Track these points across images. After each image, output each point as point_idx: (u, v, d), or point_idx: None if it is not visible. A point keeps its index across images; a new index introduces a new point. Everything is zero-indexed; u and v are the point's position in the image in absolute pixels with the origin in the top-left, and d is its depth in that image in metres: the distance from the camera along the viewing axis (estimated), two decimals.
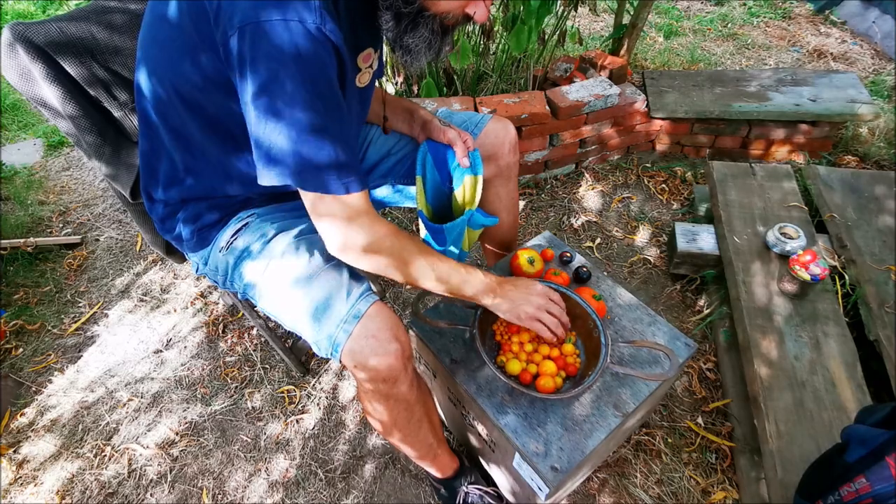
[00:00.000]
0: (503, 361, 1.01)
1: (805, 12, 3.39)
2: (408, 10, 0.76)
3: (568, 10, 2.02)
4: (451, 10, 0.78)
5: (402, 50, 0.82)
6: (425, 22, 0.78)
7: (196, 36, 0.74)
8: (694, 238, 1.66)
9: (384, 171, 1.21)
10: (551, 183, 2.16)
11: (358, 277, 0.93)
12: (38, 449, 1.40)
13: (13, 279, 1.84)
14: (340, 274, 0.91)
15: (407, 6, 0.75)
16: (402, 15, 0.77)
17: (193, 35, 0.74)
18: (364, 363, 0.85)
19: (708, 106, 2.07)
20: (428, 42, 0.80)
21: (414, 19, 0.77)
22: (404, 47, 0.81)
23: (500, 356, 1.03)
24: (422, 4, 0.76)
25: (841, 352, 1.27)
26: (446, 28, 0.82)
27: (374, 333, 0.85)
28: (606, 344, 0.98)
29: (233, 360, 1.59)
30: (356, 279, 0.92)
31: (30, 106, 2.83)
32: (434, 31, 0.79)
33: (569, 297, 1.06)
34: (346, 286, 0.89)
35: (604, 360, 0.95)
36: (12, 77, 0.97)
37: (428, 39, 0.80)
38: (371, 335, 0.85)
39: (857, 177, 1.73)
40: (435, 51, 0.83)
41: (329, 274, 0.90)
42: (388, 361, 0.85)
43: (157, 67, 0.82)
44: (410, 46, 0.81)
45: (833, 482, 0.83)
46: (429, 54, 0.83)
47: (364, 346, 0.85)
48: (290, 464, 1.35)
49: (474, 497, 1.17)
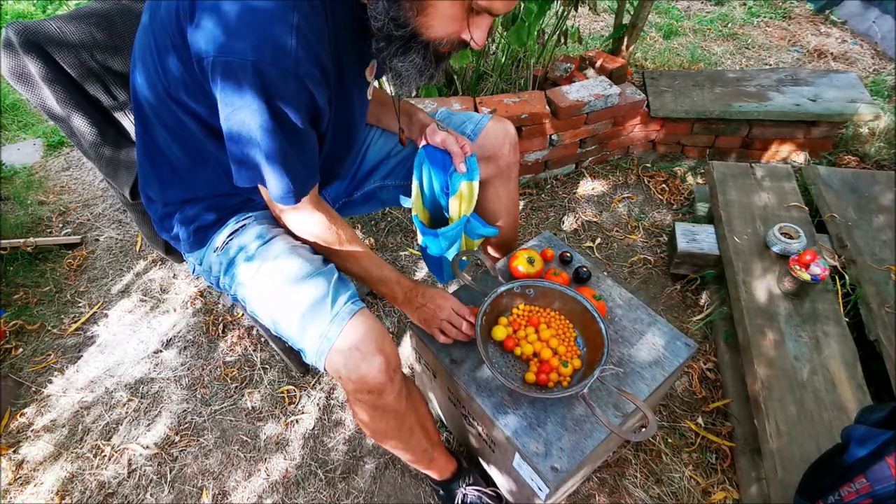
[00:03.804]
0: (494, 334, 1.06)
1: (805, 12, 3.39)
2: (399, 34, 0.74)
3: (568, 9, 2.02)
4: (444, 36, 0.75)
5: (392, 73, 0.80)
6: (417, 48, 0.76)
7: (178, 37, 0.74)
8: (694, 238, 1.65)
9: (384, 173, 1.21)
10: (551, 183, 2.16)
11: (345, 283, 0.92)
12: (38, 449, 1.40)
13: (13, 279, 1.84)
14: (328, 280, 0.90)
15: (399, 30, 0.73)
16: (394, 38, 0.75)
17: (177, 35, 0.74)
18: (348, 375, 0.84)
19: (708, 106, 2.07)
20: (419, 68, 0.79)
21: (406, 44, 0.75)
22: (394, 70, 0.80)
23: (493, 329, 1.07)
24: (414, 30, 0.73)
25: (841, 352, 1.27)
26: (440, 55, 0.80)
27: (357, 346, 0.83)
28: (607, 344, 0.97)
29: (232, 359, 1.59)
30: (342, 285, 0.91)
31: (29, 106, 2.83)
32: (426, 57, 0.78)
33: (570, 297, 1.06)
34: (332, 292, 0.87)
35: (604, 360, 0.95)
36: (11, 77, 0.97)
37: (419, 66, 0.78)
38: (355, 347, 0.83)
39: (857, 177, 1.73)
40: (427, 77, 0.81)
41: (316, 279, 0.89)
42: (372, 374, 0.84)
43: (151, 69, 0.82)
44: (401, 71, 0.79)
45: (833, 482, 0.83)
46: (420, 80, 0.81)
47: (348, 357, 0.83)
48: (289, 464, 1.34)
49: (473, 498, 1.17)
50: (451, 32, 0.75)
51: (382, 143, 1.21)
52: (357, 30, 0.80)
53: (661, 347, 1.08)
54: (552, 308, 1.10)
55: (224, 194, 0.98)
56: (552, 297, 1.09)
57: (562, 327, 1.07)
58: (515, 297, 1.10)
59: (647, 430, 0.84)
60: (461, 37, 0.76)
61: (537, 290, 1.10)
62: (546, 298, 1.10)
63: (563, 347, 1.03)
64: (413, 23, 0.73)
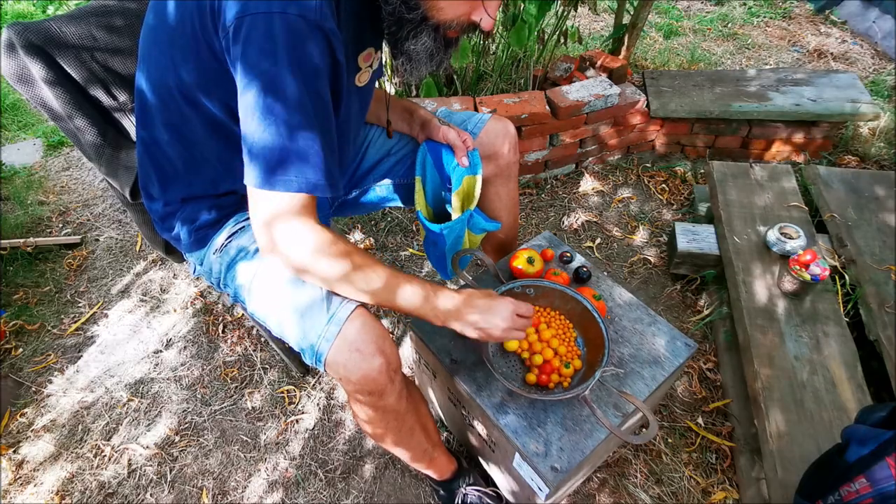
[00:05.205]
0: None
1: (805, 12, 3.39)
2: (411, 17, 0.75)
3: (568, 9, 2.02)
4: (455, 17, 0.76)
5: (403, 56, 0.81)
6: (427, 30, 0.77)
7: (199, 33, 0.74)
8: (694, 238, 1.65)
9: (384, 171, 1.21)
10: (551, 183, 2.16)
11: None
12: (38, 449, 1.40)
13: (13, 279, 1.84)
14: None
15: (410, 12, 0.74)
16: (405, 21, 0.76)
17: (194, 33, 0.74)
18: (348, 376, 0.84)
19: (708, 106, 2.07)
20: (430, 52, 0.79)
21: (417, 26, 0.76)
22: (405, 54, 0.80)
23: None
24: (425, 12, 0.75)
25: (841, 352, 1.27)
26: (449, 41, 0.81)
27: (357, 347, 0.82)
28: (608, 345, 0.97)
29: (232, 359, 1.59)
30: None
31: (29, 106, 2.82)
32: (437, 40, 0.78)
33: (570, 297, 1.06)
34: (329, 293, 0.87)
35: (605, 361, 0.95)
36: (12, 77, 0.97)
37: (430, 49, 0.79)
38: (355, 349, 0.82)
39: (857, 177, 1.73)
40: (437, 62, 0.82)
41: None
42: (372, 376, 0.83)
43: (158, 67, 0.82)
44: (412, 54, 0.80)
45: (833, 482, 0.83)
46: (430, 65, 0.82)
47: (348, 359, 0.82)
48: (289, 464, 1.34)
49: (473, 498, 1.17)
50: (460, 14, 0.76)
51: (382, 141, 1.21)
52: (359, 12, 0.80)
53: (661, 347, 1.08)
54: (552, 308, 1.10)
55: (224, 193, 0.98)
56: (552, 297, 1.09)
57: (562, 327, 1.07)
58: (515, 297, 1.10)
59: (647, 432, 0.83)
60: (471, 18, 0.78)
61: (537, 290, 1.10)
62: (546, 298, 1.10)
63: (564, 348, 1.03)
64: (423, 5, 0.74)
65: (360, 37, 0.85)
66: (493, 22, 0.78)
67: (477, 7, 0.77)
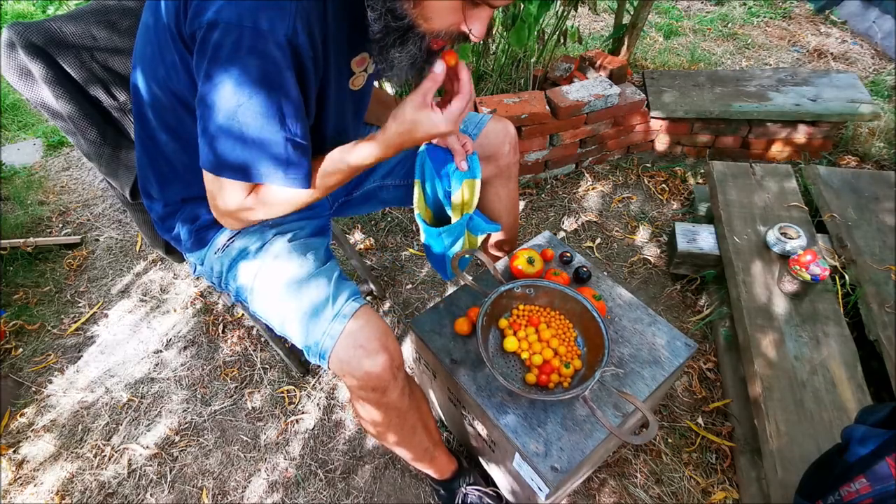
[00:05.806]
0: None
1: (805, 12, 3.39)
2: (397, 25, 0.73)
3: (568, 9, 2.02)
4: (443, 28, 0.75)
5: (386, 63, 0.80)
6: (414, 39, 0.75)
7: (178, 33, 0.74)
8: (694, 238, 1.66)
9: (384, 172, 1.21)
10: (551, 183, 2.16)
11: (346, 281, 0.92)
12: (38, 449, 1.40)
13: (13, 279, 1.84)
14: (329, 278, 0.90)
15: (397, 21, 0.73)
16: (392, 29, 0.74)
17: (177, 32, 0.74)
18: (352, 373, 0.84)
19: (708, 106, 2.07)
20: (413, 59, 0.78)
21: (403, 35, 0.75)
22: (388, 61, 0.79)
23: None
24: (412, 21, 0.73)
25: (841, 352, 1.27)
26: (432, 51, 0.79)
27: (361, 343, 0.84)
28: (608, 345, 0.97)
29: (232, 360, 1.59)
30: (343, 283, 0.91)
31: (29, 106, 2.82)
32: (421, 48, 0.77)
33: (570, 297, 1.06)
34: (333, 291, 0.88)
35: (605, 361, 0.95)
36: (12, 77, 0.97)
37: (414, 57, 0.78)
38: (359, 345, 0.83)
39: (857, 177, 1.73)
40: (417, 69, 0.80)
41: (317, 279, 0.89)
42: (376, 372, 0.84)
43: (151, 68, 0.82)
44: (395, 62, 0.78)
45: (833, 482, 0.83)
46: (410, 72, 0.80)
47: (352, 356, 0.83)
48: (289, 464, 1.34)
49: (473, 498, 1.17)
50: (449, 24, 0.75)
51: None
52: (349, 18, 0.79)
53: (661, 347, 1.08)
54: (552, 308, 1.10)
55: None
56: (552, 297, 1.09)
57: (562, 327, 1.07)
58: (516, 297, 1.10)
59: (647, 432, 0.84)
60: (460, 29, 0.76)
61: (537, 290, 1.10)
62: (546, 298, 1.10)
63: (564, 348, 1.03)
64: (411, 14, 0.72)
65: (353, 41, 0.84)
66: (483, 32, 0.76)
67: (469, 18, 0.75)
